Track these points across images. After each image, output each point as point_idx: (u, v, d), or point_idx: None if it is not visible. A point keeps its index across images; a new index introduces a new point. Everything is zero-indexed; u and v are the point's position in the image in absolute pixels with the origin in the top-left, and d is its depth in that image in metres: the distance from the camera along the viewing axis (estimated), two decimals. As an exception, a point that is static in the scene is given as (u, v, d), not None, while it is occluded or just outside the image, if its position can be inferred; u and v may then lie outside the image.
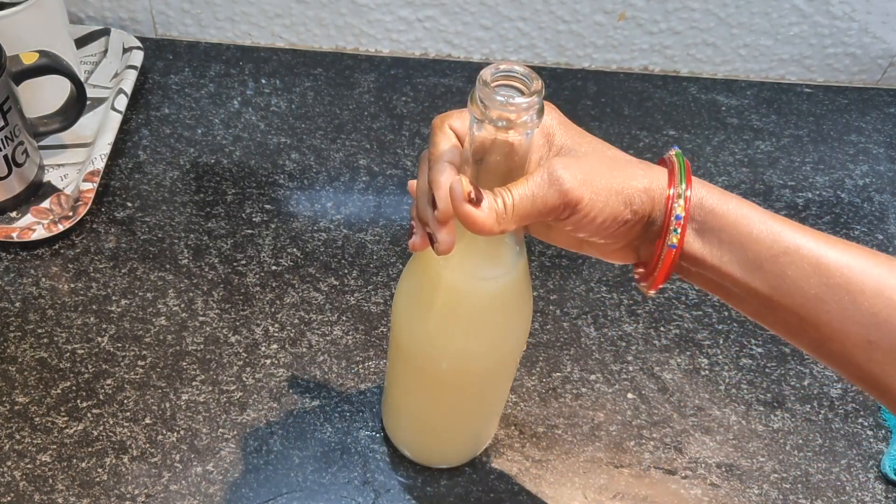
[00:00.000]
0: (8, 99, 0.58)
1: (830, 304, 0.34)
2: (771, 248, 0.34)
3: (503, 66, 0.33)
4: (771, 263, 0.34)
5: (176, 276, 0.60)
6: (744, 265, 0.35)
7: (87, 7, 0.77)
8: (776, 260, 0.34)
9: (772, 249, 0.34)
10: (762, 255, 0.34)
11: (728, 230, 0.35)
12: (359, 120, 0.73)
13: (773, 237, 0.34)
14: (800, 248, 0.34)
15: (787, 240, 0.34)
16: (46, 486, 0.49)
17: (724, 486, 0.52)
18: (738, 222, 0.35)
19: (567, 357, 0.58)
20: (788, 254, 0.34)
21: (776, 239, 0.34)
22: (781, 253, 0.34)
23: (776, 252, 0.34)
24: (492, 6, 0.75)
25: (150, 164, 0.67)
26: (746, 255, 0.35)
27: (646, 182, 0.35)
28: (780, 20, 0.76)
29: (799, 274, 0.34)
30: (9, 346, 0.55)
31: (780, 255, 0.34)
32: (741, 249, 0.35)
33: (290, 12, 0.76)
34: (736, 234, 0.35)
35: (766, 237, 0.34)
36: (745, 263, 0.35)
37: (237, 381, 0.54)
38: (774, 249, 0.34)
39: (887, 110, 0.80)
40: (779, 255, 0.34)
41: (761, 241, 0.34)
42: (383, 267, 0.62)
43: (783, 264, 0.34)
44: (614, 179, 0.35)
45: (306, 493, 0.50)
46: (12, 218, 0.62)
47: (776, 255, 0.34)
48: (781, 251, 0.34)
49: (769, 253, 0.34)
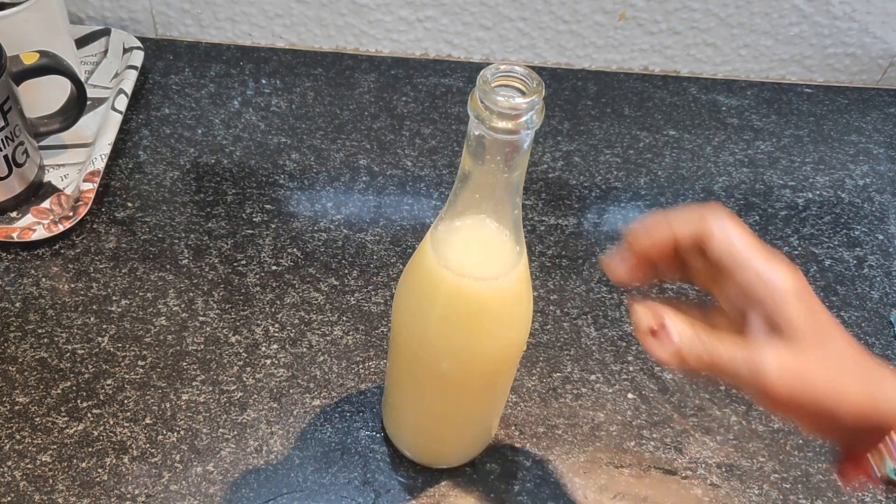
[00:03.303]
0: (8, 99, 0.58)
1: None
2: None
3: (503, 66, 0.33)
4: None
5: (176, 277, 0.60)
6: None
7: (88, 7, 0.77)
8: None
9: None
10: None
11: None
12: (359, 120, 0.73)
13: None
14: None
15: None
16: (47, 487, 0.49)
17: (725, 486, 0.52)
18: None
19: (567, 357, 0.58)
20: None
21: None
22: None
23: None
24: (492, 6, 0.75)
25: (150, 165, 0.67)
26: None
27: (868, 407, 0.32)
28: (781, 20, 0.76)
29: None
30: (9, 346, 0.55)
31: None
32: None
33: (291, 12, 0.77)
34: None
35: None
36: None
37: (237, 382, 0.54)
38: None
39: (887, 110, 0.80)
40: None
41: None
42: (383, 267, 0.62)
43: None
44: (828, 393, 0.32)
45: (306, 494, 0.50)
46: (12, 218, 0.62)
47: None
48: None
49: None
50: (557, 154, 0.72)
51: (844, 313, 0.62)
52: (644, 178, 0.71)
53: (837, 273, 0.65)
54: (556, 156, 0.72)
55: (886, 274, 0.65)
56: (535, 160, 0.71)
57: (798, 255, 0.66)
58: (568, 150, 0.72)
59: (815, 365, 0.32)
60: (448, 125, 0.73)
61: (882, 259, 0.66)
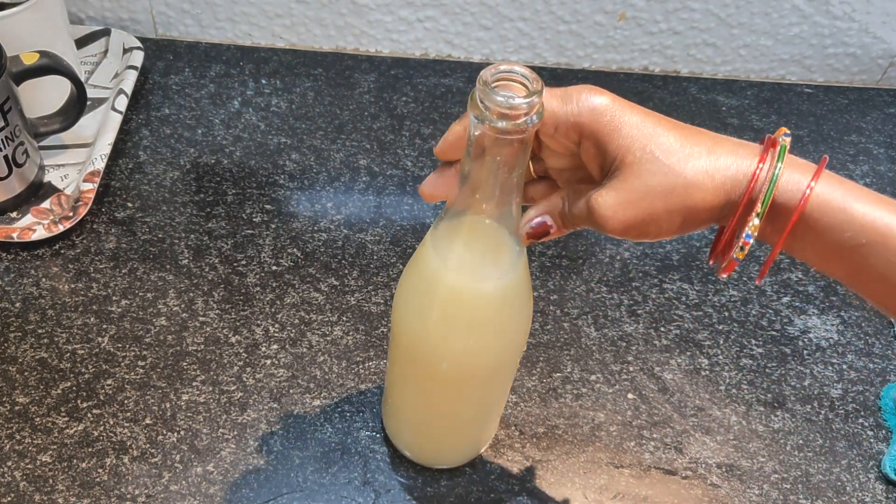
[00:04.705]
0: (8, 99, 0.58)
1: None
2: (852, 238, 0.32)
3: (503, 66, 0.33)
4: (850, 253, 0.32)
5: (176, 277, 0.60)
6: (820, 255, 0.33)
7: (88, 7, 0.77)
8: (856, 251, 0.32)
9: (853, 240, 0.32)
10: (842, 244, 0.32)
11: (803, 220, 0.32)
12: (359, 120, 0.73)
13: (855, 226, 0.32)
14: (886, 236, 0.32)
15: (869, 230, 0.32)
16: (47, 487, 0.49)
17: (725, 486, 0.52)
18: (812, 211, 0.32)
19: (567, 357, 0.58)
20: (872, 244, 0.32)
21: (857, 229, 0.32)
22: (862, 244, 0.32)
23: (856, 243, 0.32)
24: (492, 6, 0.75)
25: (150, 165, 0.67)
26: (824, 246, 0.32)
27: (712, 191, 0.33)
28: (781, 20, 0.76)
29: (881, 262, 0.32)
30: (9, 346, 0.55)
31: (861, 245, 0.32)
32: (818, 239, 0.32)
33: (291, 12, 0.77)
34: (811, 223, 0.32)
35: (846, 225, 0.32)
36: (822, 253, 0.33)
37: (237, 382, 0.54)
38: (855, 240, 0.32)
39: (887, 110, 0.80)
40: (859, 246, 0.32)
41: (839, 230, 0.32)
42: (383, 267, 0.62)
43: (864, 255, 0.32)
44: (670, 200, 0.33)
45: (306, 494, 0.50)
46: (13, 218, 0.62)
47: (856, 246, 0.32)
48: (863, 242, 0.32)
49: (849, 244, 0.32)
50: (557, 154, 0.72)
51: (845, 313, 0.62)
52: (644, 178, 0.71)
53: (837, 273, 0.65)
54: (556, 156, 0.72)
55: (886, 274, 0.65)
56: (535, 160, 0.71)
57: (798, 255, 0.66)
58: (568, 150, 0.72)
59: (647, 190, 0.33)
60: (448, 125, 0.73)
61: (882, 259, 0.66)
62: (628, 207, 0.34)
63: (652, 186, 0.33)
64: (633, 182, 0.34)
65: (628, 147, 0.34)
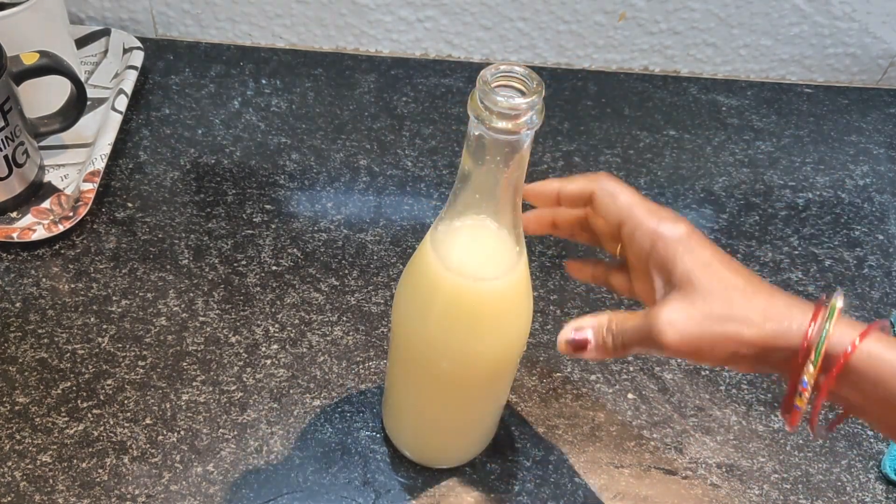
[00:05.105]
0: (8, 99, 0.58)
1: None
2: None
3: (503, 66, 0.33)
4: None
5: (176, 277, 0.60)
6: (878, 405, 0.33)
7: (88, 7, 0.77)
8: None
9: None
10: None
11: (854, 371, 0.33)
12: (359, 120, 0.73)
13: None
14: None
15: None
16: (47, 487, 0.49)
17: (725, 486, 0.52)
18: (860, 362, 0.33)
19: (567, 357, 0.58)
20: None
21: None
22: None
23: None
24: (492, 6, 0.75)
25: (150, 165, 0.67)
26: (877, 395, 0.32)
27: (768, 331, 0.34)
28: (781, 20, 0.76)
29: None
30: (9, 346, 0.55)
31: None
32: (873, 390, 0.32)
33: (291, 12, 0.77)
34: (862, 374, 0.33)
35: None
36: (879, 403, 0.33)
37: (237, 382, 0.54)
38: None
39: (888, 110, 0.80)
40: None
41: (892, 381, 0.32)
42: (384, 267, 0.62)
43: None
44: (727, 327, 0.34)
45: (306, 494, 0.50)
46: (12, 218, 0.62)
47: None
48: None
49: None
50: (557, 154, 0.72)
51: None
52: (644, 178, 0.71)
53: (837, 273, 0.65)
54: (556, 156, 0.72)
55: (886, 274, 0.65)
56: (535, 160, 0.71)
57: (798, 256, 0.66)
58: (568, 150, 0.72)
59: (707, 313, 0.34)
60: (448, 125, 0.73)
61: (882, 259, 0.66)
62: (688, 323, 0.34)
63: (713, 310, 0.34)
64: (696, 302, 0.35)
65: (695, 272, 0.35)
